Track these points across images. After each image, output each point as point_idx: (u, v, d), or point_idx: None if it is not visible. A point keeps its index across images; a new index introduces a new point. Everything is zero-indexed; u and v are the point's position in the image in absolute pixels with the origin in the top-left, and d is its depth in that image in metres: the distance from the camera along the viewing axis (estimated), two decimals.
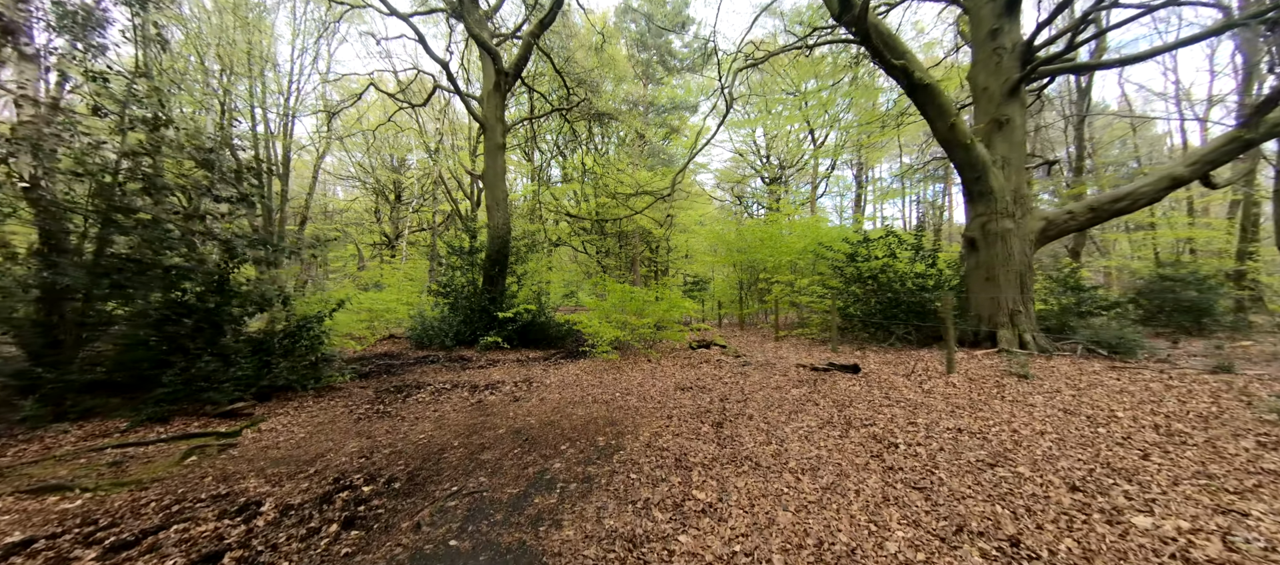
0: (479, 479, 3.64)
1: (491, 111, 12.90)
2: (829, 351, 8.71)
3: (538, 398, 6.37)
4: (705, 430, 4.52)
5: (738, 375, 7.10)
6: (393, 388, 7.08)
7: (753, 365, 7.89)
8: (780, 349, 9.75)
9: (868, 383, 5.96)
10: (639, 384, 6.89)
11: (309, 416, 5.58)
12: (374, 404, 6.19)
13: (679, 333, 9.98)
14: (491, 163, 12.84)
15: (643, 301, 9.04)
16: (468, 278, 12.28)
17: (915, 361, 7.14)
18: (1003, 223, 7.80)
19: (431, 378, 7.91)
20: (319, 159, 21.81)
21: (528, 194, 23.50)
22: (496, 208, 12.45)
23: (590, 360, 8.99)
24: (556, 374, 7.99)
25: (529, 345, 11.53)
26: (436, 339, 11.09)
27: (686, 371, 7.68)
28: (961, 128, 7.87)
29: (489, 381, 7.53)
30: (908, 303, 8.87)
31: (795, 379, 6.49)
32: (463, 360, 9.75)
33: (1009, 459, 3.37)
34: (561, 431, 4.76)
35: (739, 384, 6.49)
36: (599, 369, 8.18)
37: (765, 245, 13.72)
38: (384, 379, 7.84)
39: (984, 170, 7.84)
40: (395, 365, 9.19)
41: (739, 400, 5.58)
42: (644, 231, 22.93)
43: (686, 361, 8.58)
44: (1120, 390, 5.03)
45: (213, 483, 3.83)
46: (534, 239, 14.14)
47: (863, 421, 4.42)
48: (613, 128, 22.62)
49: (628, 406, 5.61)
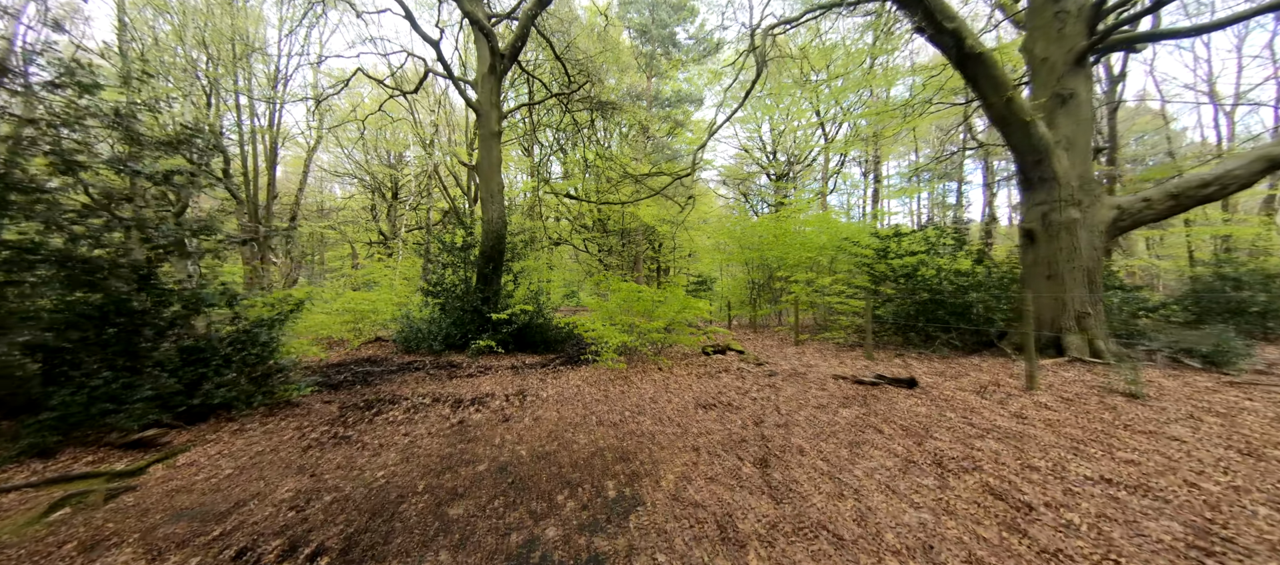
0: (439, 556, 2.51)
1: (486, 96, 11.77)
2: (863, 358, 7.58)
3: (531, 416, 5.24)
4: (747, 472, 3.40)
5: (767, 389, 5.98)
6: (362, 402, 5.95)
7: (780, 375, 6.76)
8: (804, 355, 8.63)
9: (932, 401, 4.84)
10: (651, 399, 5.76)
11: (247, 444, 4.45)
12: (334, 425, 5.06)
13: (690, 336, 8.86)
14: (486, 152, 11.72)
15: (651, 301, 7.93)
16: (460, 276, 11.16)
17: (974, 372, 6.02)
18: (1067, 212, 6.68)
19: (411, 389, 6.78)
20: (310, 152, 20.67)
21: (527, 190, 22.36)
22: (491, 200, 11.32)
23: (593, 368, 7.86)
24: (555, 384, 6.87)
25: (526, 349, 10.41)
26: (424, 343, 9.97)
27: (705, 383, 6.55)
28: (1020, 103, 6.75)
29: (476, 394, 6.41)
30: (950, 304, 7.75)
31: (839, 395, 5.37)
32: (451, 367, 8.62)
33: (1238, 547, 2.23)
34: (559, 469, 3.63)
35: (772, 400, 5.36)
36: (603, 379, 7.05)
37: (779, 242, 12.60)
38: (356, 390, 6.71)
39: (1046, 152, 6.72)
40: (374, 373, 8.06)
41: (778, 424, 4.46)
42: (647, 229, 21.80)
43: (702, 369, 7.46)
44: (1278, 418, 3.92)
45: (73, 553, 2.71)
46: (532, 235, 13.03)
47: (958, 463, 3.29)
48: (615, 121, 21.51)
49: (641, 431, 4.49)
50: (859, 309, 8.73)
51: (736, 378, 6.81)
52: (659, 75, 23.22)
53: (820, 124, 20.42)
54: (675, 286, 8.29)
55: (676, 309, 8.01)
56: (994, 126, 7.29)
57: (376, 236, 29.34)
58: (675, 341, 8.37)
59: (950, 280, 8.10)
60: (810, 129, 24.68)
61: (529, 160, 24.29)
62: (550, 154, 24.88)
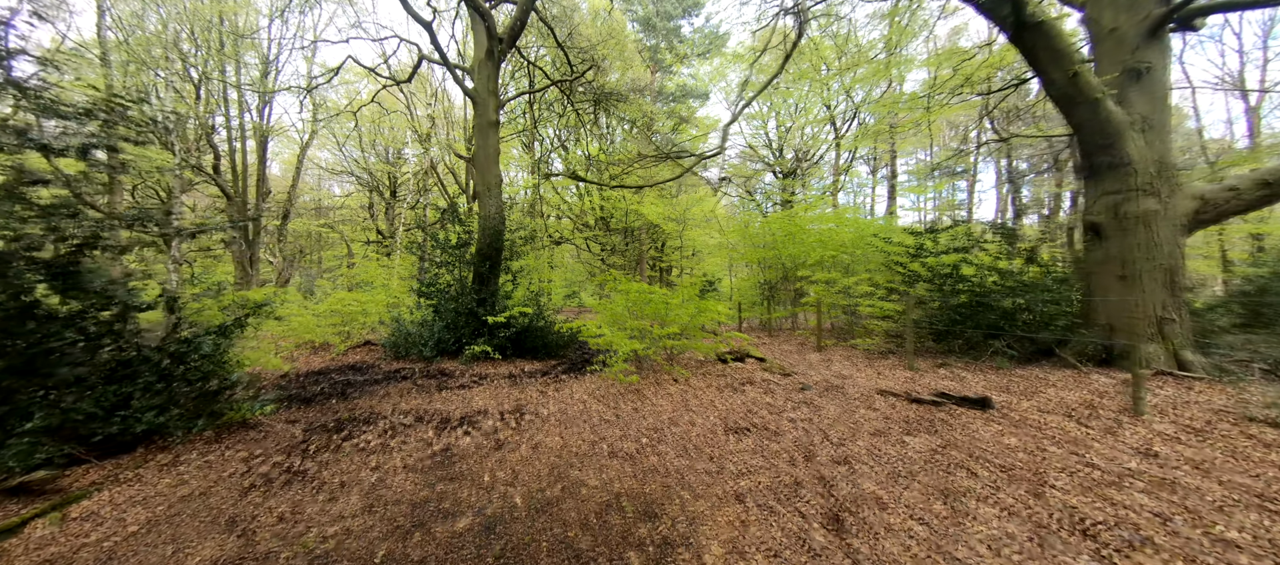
0: None
1: (483, 83, 10.85)
2: (903, 369, 6.67)
3: (530, 444, 4.32)
4: (818, 538, 2.48)
5: (803, 407, 5.06)
6: (333, 422, 5.03)
7: (815, 389, 5.85)
8: (831, 363, 7.72)
9: (1018, 428, 3.92)
10: (670, 419, 4.85)
11: (174, 483, 3.53)
12: (292, 454, 4.14)
13: (703, 341, 7.95)
14: (483, 142, 10.80)
15: (662, 304, 7.01)
16: (454, 276, 10.23)
17: (1047, 388, 5.10)
18: (1144, 203, 5.76)
19: (393, 404, 5.86)
20: (304, 147, 19.74)
21: (528, 186, 21.43)
22: (488, 194, 10.40)
23: (599, 378, 6.95)
24: (557, 398, 5.95)
25: (525, 355, 9.49)
26: (415, 348, 9.04)
27: (729, 398, 5.63)
28: (1088, 78, 5.84)
29: (467, 411, 5.49)
30: (1000, 308, 6.83)
31: (897, 417, 4.45)
32: (442, 376, 7.70)
33: None
34: (564, 530, 2.72)
35: (815, 423, 4.45)
36: (612, 392, 6.14)
37: (794, 240, 11.68)
38: (329, 406, 5.79)
39: (1117, 134, 5.81)
40: (355, 383, 7.14)
41: (836, 459, 3.54)
42: (651, 227, 20.88)
43: (722, 380, 6.54)
44: None
45: None
46: (532, 232, 12.12)
47: (1113, 531, 2.37)
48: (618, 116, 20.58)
49: (665, 468, 3.57)
50: (892, 312, 7.82)
51: (764, 391, 5.89)
52: (663, 69, 22.30)
53: (830, 118, 19.50)
54: (690, 287, 7.36)
55: (692, 312, 7.09)
56: (1056, 106, 6.38)
57: (375, 235, 28.44)
58: (688, 347, 7.46)
59: (998, 281, 7.17)
60: (820, 124, 23.78)
61: (529, 156, 23.37)
62: (551, 151, 23.95)
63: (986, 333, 6.80)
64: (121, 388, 3.90)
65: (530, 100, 16.83)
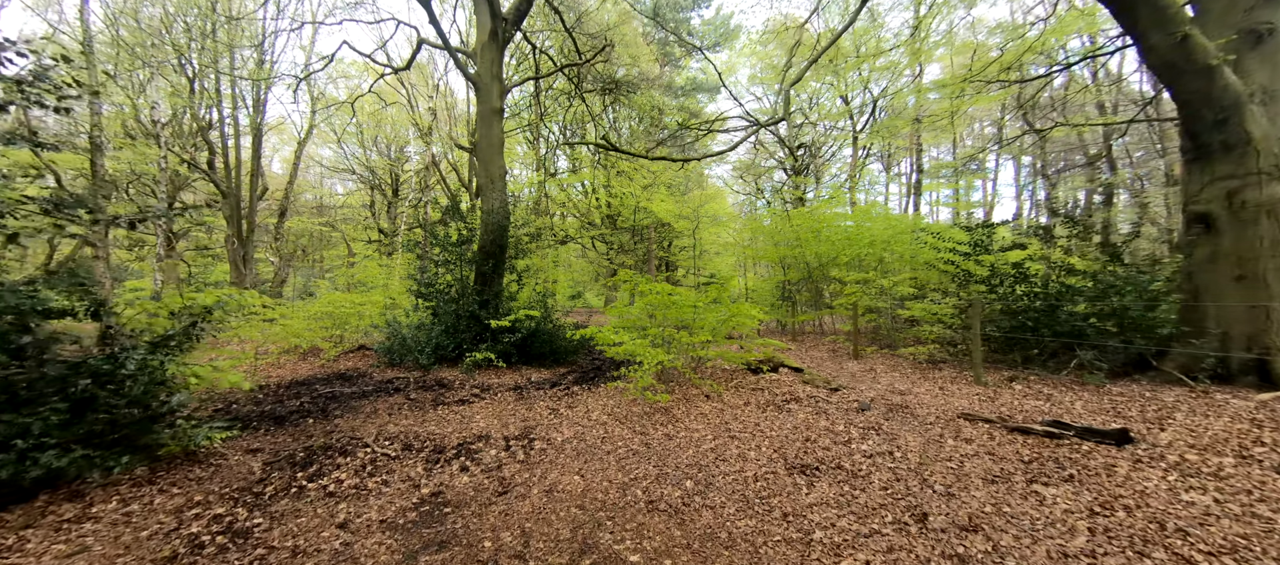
0: None
1: (486, 68, 9.93)
2: (972, 385, 5.70)
3: (542, 486, 3.38)
4: None
5: (872, 434, 4.10)
6: (302, 452, 4.09)
7: (877, 410, 4.89)
8: (877, 374, 6.76)
9: (1190, 476, 2.96)
10: (714, 451, 3.90)
11: (67, 552, 2.59)
12: (237, 504, 3.20)
13: (730, 348, 7.00)
14: (486, 131, 9.87)
15: (689, 307, 6.06)
16: (455, 275, 9.30)
17: (1173, 413, 4.13)
18: (1268, 189, 4.79)
19: (378, 425, 4.93)
20: (301, 143, 18.84)
21: (532, 184, 20.49)
22: (492, 187, 9.48)
23: (616, 389, 6.01)
24: (571, 419, 5.00)
25: (531, 362, 8.56)
26: (411, 355, 8.11)
27: (777, 421, 4.67)
28: (1199, 43, 4.88)
29: (465, 435, 4.55)
30: (1079, 313, 5.86)
31: (1007, 455, 3.49)
32: (439, 387, 6.77)
33: None
34: None
35: (901, 462, 3.49)
36: (636, 411, 5.19)
37: (819, 237, 10.71)
38: (303, 428, 4.85)
39: (1233, 108, 4.85)
40: (340, 396, 6.21)
41: (958, 524, 2.58)
42: (661, 226, 19.91)
43: (761, 396, 5.58)
44: None
45: None
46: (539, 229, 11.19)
47: None
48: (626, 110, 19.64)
49: (728, 533, 2.62)
50: (944, 315, 6.85)
51: (814, 412, 4.93)
52: (672, 62, 21.35)
53: (847, 112, 18.51)
54: (718, 289, 6.41)
55: (722, 317, 6.13)
56: (1156, 76, 5.42)
57: (377, 235, 27.53)
58: (713, 354, 6.51)
59: (1080, 280, 6.19)
60: (833, 119, 22.80)
61: (534, 153, 22.42)
62: (556, 148, 22.99)
63: (1065, 341, 5.83)
64: (18, 418, 2.97)
65: (536, 90, 15.87)
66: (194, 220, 12.63)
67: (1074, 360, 5.58)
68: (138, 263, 22.35)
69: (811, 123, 22.41)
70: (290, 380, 7.47)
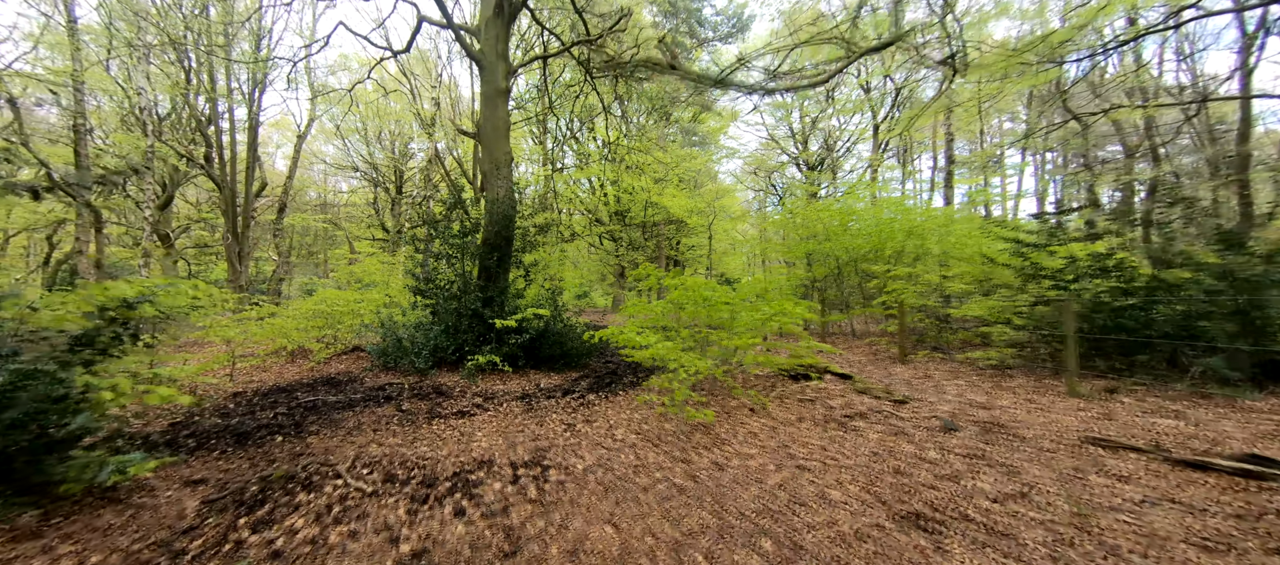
0: None
1: (491, 45, 9.04)
2: (1063, 395, 4.74)
3: (563, 540, 2.47)
4: None
5: (989, 469, 3.15)
6: (253, 487, 3.19)
7: (970, 430, 3.94)
8: (939, 383, 5.80)
9: None
10: (784, 492, 2.97)
11: None
12: None
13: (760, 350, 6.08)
14: (490, 113, 8.98)
15: (725, 305, 5.14)
16: (456, 270, 8.39)
17: None
18: None
19: (359, 444, 4.02)
20: (300, 136, 18.02)
21: (539, 179, 19.60)
22: (497, 173, 8.58)
23: (639, 398, 5.09)
24: (593, 440, 4.08)
25: (539, 365, 7.66)
26: (407, 358, 7.21)
27: (847, 445, 3.74)
28: None
29: (463, 462, 3.64)
30: (1182, 314, 4.90)
31: (1211, 503, 2.54)
32: (437, 395, 5.87)
33: None
34: None
35: (1052, 514, 2.55)
36: (669, 429, 4.26)
37: (851, 230, 9.76)
38: (264, 450, 3.95)
39: None
40: (321, 407, 5.31)
41: None
42: (672, 221, 18.99)
43: (815, 411, 4.64)
44: None
45: None
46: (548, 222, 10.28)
47: None
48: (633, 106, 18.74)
49: None
50: (1019, 315, 5.88)
51: (889, 431, 3.99)
52: (684, 53, 20.40)
53: (867, 102, 17.51)
54: (756, 285, 5.49)
55: (764, 316, 5.19)
56: None
57: (381, 233, 26.72)
58: (762, 360, 5.58)
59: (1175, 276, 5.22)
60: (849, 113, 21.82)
61: (541, 149, 21.53)
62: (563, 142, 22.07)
63: (1176, 344, 4.85)
64: None
65: (543, 82, 14.98)
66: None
67: (1195, 368, 4.60)
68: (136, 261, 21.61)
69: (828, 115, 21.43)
70: (272, 386, 6.59)
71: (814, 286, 10.77)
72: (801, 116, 23.90)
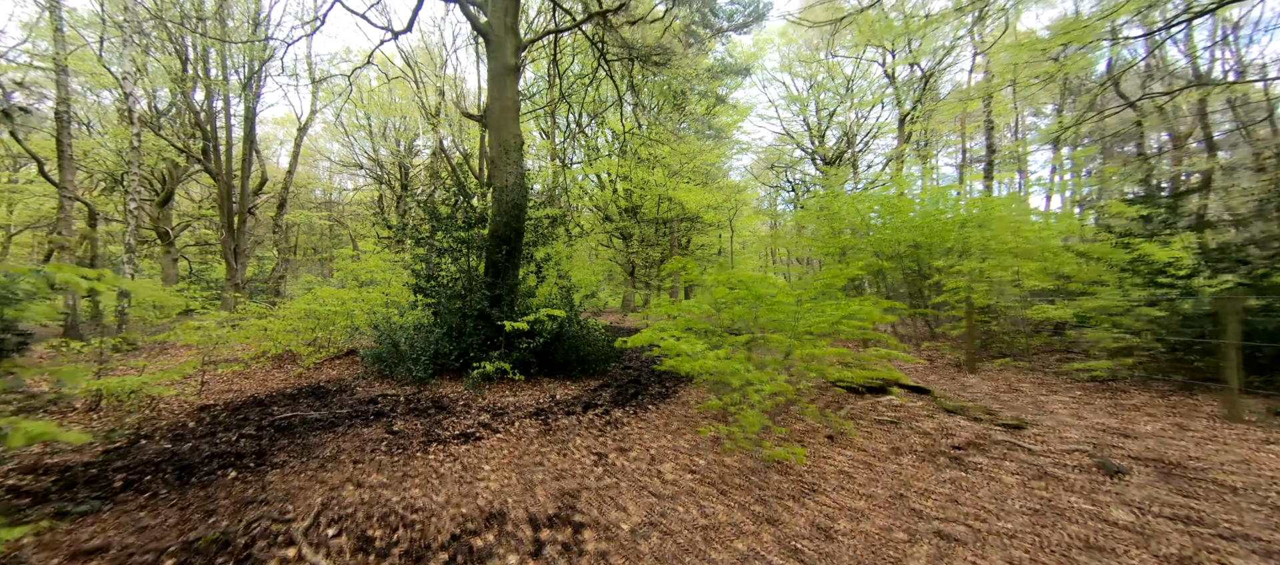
0: None
1: (499, 17, 8.07)
2: (1221, 419, 3.72)
3: None
4: None
5: (1243, 549, 2.14)
6: (176, 556, 2.22)
7: (1142, 476, 2.93)
8: (1033, 397, 4.78)
9: None
10: None
11: None
12: None
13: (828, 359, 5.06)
14: (498, 93, 8.01)
15: (789, 303, 4.16)
16: (461, 266, 7.41)
17: None
18: None
19: (332, 485, 3.05)
20: (301, 129, 17.13)
21: (548, 174, 18.62)
22: (505, 159, 7.61)
23: (686, 425, 4.10)
24: (634, 482, 3.10)
25: (553, 372, 6.68)
26: (404, 364, 6.25)
27: (980, 493, 2.74)
28: None
29: (464, 516, 2.66)
30: None
31: None
32: (436, 410, 4.90)
33: None
34: None
35: None
36: (732, 466, 3.27)
37: (894, 225, 8.71)
38: (208, 490, 3.00)
39: None
40: (298, 426, 4.35)
41: None
42: (686, 218, 17.97)
43: (909, 439, 3.63)
44: None
45: None
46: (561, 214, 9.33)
47: None
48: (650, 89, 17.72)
49: None
50: (1134, 318, 4.84)
51: (1025, 472, 2.98)
52: (698, 42, 19.39)
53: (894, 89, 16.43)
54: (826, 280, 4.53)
55: (836, 318, 4.20)
56: None
57: (386, 232, 25.87)
58: (848, 376, 4.57)
59: None
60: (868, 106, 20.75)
61: (549, 144, 20.54)
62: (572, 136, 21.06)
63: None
64: None
65: (554, 52, 13.98)
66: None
67: None
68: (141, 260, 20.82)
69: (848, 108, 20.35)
70: (247, 398, 5.65)
71: (852, 285, 9.74)
72: (818, 109, 22.84)
